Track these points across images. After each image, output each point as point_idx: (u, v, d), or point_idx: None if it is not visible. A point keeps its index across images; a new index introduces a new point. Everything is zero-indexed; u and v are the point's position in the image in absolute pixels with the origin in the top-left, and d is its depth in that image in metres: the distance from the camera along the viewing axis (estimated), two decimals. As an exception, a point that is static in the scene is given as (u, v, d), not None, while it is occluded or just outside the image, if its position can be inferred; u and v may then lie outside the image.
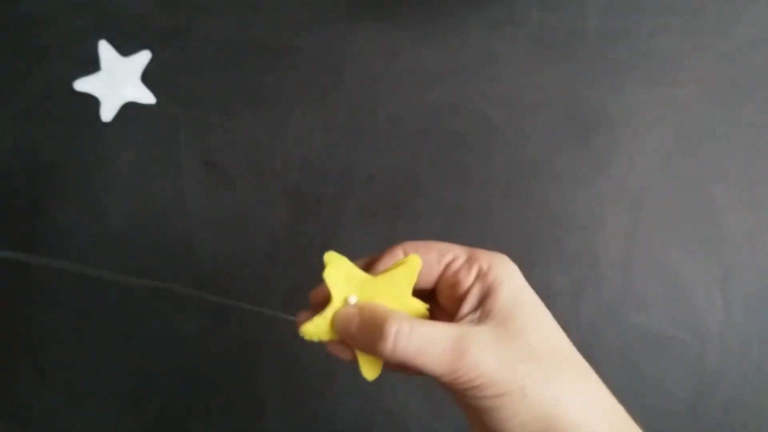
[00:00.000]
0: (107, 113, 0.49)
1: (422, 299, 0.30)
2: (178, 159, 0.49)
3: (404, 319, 0.26)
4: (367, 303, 0.28)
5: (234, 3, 0.50)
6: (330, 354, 0.30)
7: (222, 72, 0.49)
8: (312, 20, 0.50)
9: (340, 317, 0.28)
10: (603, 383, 0.27)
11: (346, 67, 0.50)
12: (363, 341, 0.27)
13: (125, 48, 0.50)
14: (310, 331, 0.29)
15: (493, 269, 0.28)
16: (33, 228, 0.48)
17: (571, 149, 0.48)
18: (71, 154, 0.49)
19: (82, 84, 0.49)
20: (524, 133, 0.48)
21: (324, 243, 0.48)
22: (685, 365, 0.45)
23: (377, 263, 0.30)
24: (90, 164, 0.49)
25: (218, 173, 0.48)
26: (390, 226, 0.48)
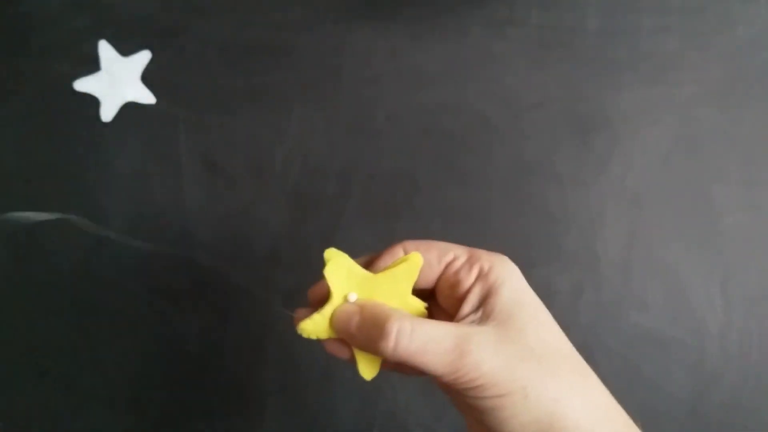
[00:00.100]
0: (107, 113, 0.49)
1: (421, 299, 0.30)
2: (178, 159, 0.49)
3: (406, 318, 0.26)
4: (368, 301, 0.28)
5: (234, 3, 0.50)
6: (329, 353, 0.30)
7: (222, 72, 0.49)
8: (312, 20, 0.50)
9: (340, 315, 0.28)
10: (602, 384, 0.27)
11: (346, 67, 0.49)
12: (363, 340, 0.27)
13: (125, 48, 0.50)
14: (309, 329, 0.28)
15: (494, 269, 0.27)
16: (33, 228, 0.48)
17: (571, 149, 0.48)
18: (71, 154, 0.49)
19: (82, 84, 0.49)
20: (524, 133, 0.48)
21: (324, 243, 0.47)
22: (685, 365, 0.45)
23: (377, 261, 0.30)
24: (90, 164, 0.49)
25: (218, 173, 0.48)
26: (390, 226, 0.48)
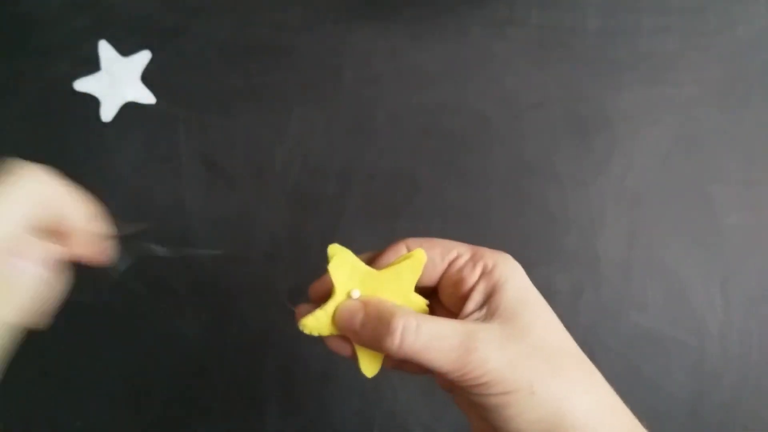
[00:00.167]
0: (107, 113, 0.49)
1: (423, 297, 0.29)
2: (178, 159, 0.49)
3: (410, 315, 0.26)
4: (372, 298, 0.28)
5: (234, 3, 0.50)
6: (330, 350, 0.29)
7: (222, 72, 0.49)
8: (312, 20, 0.50)
9: (343, 311, 0.28)
10: (607, 383, 0.27)
11: (346, 67, 0.49)
12: (368, 337, 0.27)
13: (125, 48, 0.50)
14: (311, 325, 0.28)
15: (498, 267, 0.27)
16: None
17: (571, 149, 0.48)
18: (71, 154, 0.49)
19: (82, 84, 0.49)
20: (524, 133, 0.48)
21: (324, 243, 0.47)
22: (685, 365, 0.45)
23: (380, 258, 0.30)
24: (90, 164, 0.49)
25: (218, 173, 0.48)
26: (390, 226, 0.48)
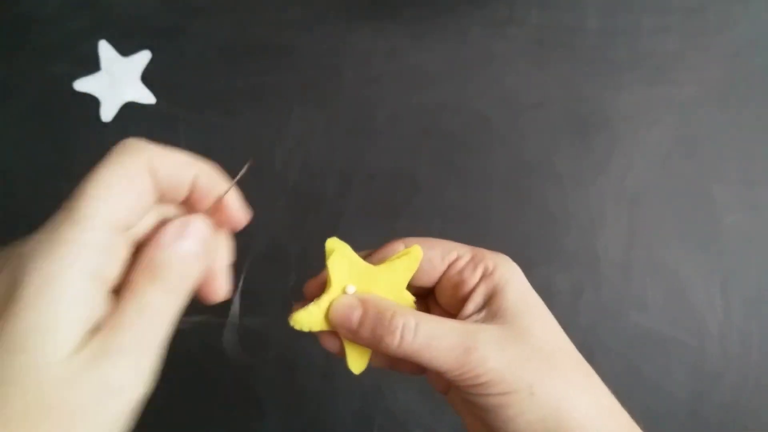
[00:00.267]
0: (107, 113, 0.49)
1: (421, 297, 0.29)
2: (178, 159, 0.49)
3: (409, 314, 0.26)
4: (369, 295, 0.27)
5: (234, 3, 0.50)
6: (322, 345, 0.29)
7: (222, 72, 0.49)
8: (312, 20, 0.50)
9: (340, 308, 0.27)
10: (605, 385, 0.27)
11: (346, 67, 0.49)
12: (366, 335, 0.26)
13: (125, 48, 0.49)
14: (303, 320, 0.28)
15: (499, 270, 0.27)
16: (33, 229, 0.48)
17: (571, 149, 0.48)
18: (71, 154, 0.49)
19: (82, 84, 0.49)
20: (524, 133, 0.48)
21: (324, 243, 0.48)
22: (685, 365, 0.45)
23: (376, 254, 0.30)
24: (90, 164, 0.49)
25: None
26: (390, 226, 0.48)
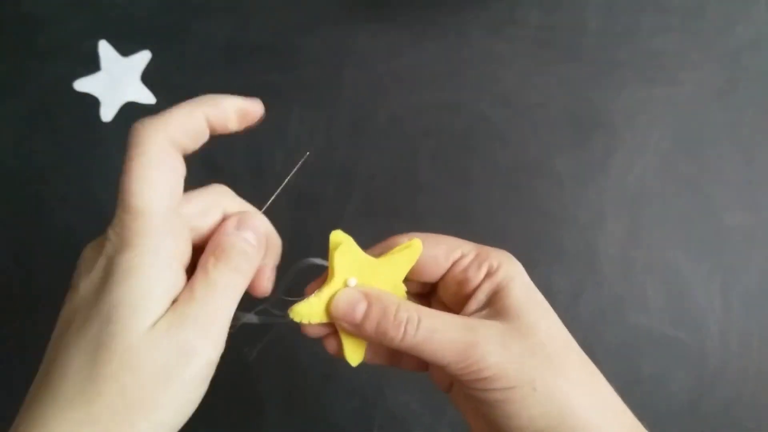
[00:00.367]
0: (107, 113, 0.49)
1: (423, 293, 0.30)
2: (178, 159, 0.49)
3: (412, 308, 0.26)
4: (371, 288, 0.28)
5: (234, 3, 0.50)
6: (310, 335, 0.29)
7: (222, 72, 0.49)
8: (312, 20, 0.50)
9: (343, 301, 0.27)
10: (608, 383, 0.27)
11: (347, 67, 0.49)
12: (370, 328, 0.27)
13: (125, 48, 0.49)
14: (303, 312, 0.28)
15: (503, 268, 0.27)
16: (33, 228, 0.48)
17: (571, 149, 0.48)
18: (71, 154, 0.49)
19: (82, 84, 0.49)
20: (524, 133, 0.48)
21: (324, 243, 0.47)
22: (685, 365, 0.45)
23: (377, 246, 0.30)
24: (90, 164, 0.49)
25: (218, 173, 0.48)
26: (390, 226, 0.47)
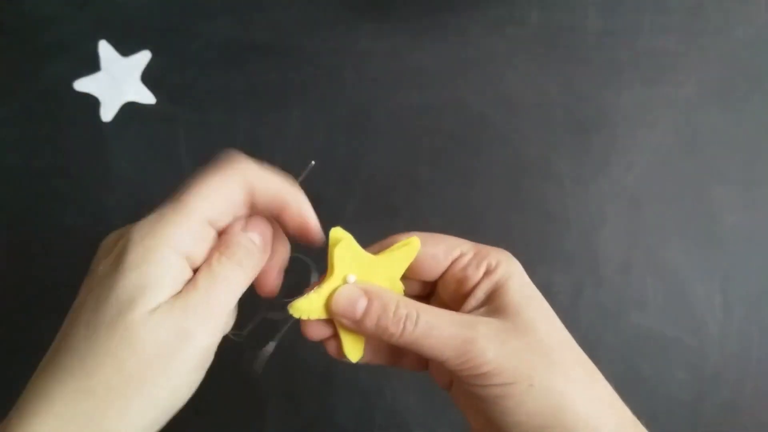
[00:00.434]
0: (107, 113, 0.49)
1: (423, 292, 0.31)
2: (178, 159, 0.49)
3: (411, 304, 0.26)
4: (371, 285, 0.28)
5: (234, 3, 0.50)
6: (307, 333, 0.29)
7: (222, 72, 0.49)
8: (312, 20, 0.50)
9: (343, 296, 0.28)
10: (606, 381, 0.27)
11: (347, 67, 0.49)
12: (369, 325, 0.27)
13: (125, 48, 0.50)
14: (303, 308, 0.28)
15: (501, 266, 0.28)
16: (33, 228, 0.48)
17: (571, 149, 0.48)
18: (71, 154, 0.49)
19: (82, 84, 0.49)
20: (524, 133, 0.48)
21: (324, 243, 0.48)
22: (685, 365, 0.45)
23: (376, 244, 0.30)
24: (90, 164, 0.49)
25: (218, 173, 0.48)
26: (390, 226, 0.47)
